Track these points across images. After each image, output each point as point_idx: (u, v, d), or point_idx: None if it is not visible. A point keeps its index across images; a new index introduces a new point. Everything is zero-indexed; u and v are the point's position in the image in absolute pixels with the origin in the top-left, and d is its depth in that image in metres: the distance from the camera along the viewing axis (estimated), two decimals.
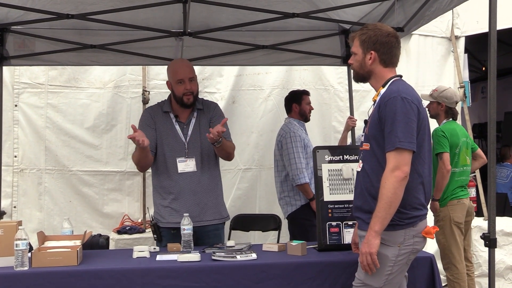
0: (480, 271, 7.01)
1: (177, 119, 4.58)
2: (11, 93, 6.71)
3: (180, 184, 4.50)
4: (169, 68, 4.71)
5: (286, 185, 5.73)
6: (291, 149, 5.59)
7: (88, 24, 5.32)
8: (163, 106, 4.63)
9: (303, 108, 5.89)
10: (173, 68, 4.65)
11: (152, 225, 4.52)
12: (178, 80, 4.51)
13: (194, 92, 4.55)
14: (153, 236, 4.58)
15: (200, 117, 4.62)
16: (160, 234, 4.52)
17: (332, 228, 4.08)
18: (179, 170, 4.49)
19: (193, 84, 4.55)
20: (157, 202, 4.62)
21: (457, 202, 5.50)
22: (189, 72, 4.58)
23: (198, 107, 4.63)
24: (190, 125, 4.58)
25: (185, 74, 4.53)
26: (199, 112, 4.64)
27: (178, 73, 4.54)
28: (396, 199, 3.17)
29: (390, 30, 3.45)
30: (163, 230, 4.54)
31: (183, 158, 4.50)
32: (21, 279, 3.49)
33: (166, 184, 4.53)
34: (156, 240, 4.54)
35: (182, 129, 4.56)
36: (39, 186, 6.82)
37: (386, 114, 3.24)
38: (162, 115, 4.59)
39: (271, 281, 3.67)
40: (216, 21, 5.45)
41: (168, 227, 4.51)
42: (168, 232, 4.51)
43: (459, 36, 7.74)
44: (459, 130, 5.62)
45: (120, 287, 3.57)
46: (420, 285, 3.78)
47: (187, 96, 4.50)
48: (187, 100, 4.52)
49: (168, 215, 4.51)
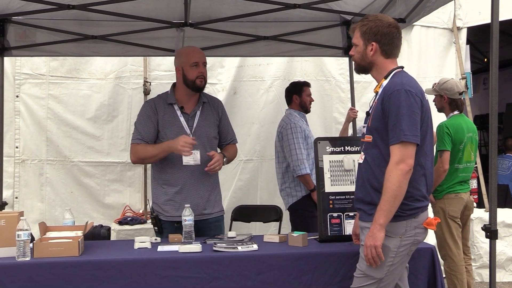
0: (481, 262, 7.04)
1: (182, 111, 4.51)
2: (13, 83, 6.71)
3: (184, 177, 4.45)
4: (181, 53, 4.67)
5: (287, 176, 5.74)
6: (292, 140, 5.60)
7: (89, 15, 5.31)
8: (167, 98, 4.56)
9: (304, 100, 5.89)
10: (186, 52, 4.61)
11: (153, 218, 4.49)
12: (193, 63, 4.45)
13: (205, 77, 4.52)
14: (153, 228, 4.55)
15: (204, 110, 4.58)
16: (161, 226, 4.49)
17: (333, 219, 4.08)
18: (183, 162, 4.43)
19: (205, 69, 4.53)
20: (158, 195, 4.55)
21: (455, 196, 5.46)
22: (203, 56, 4.56)
23: (203, 100, 4.61)
24: (196, 117, 4.53)
25: (200, 58, 4.51)
26: (204, 105, 4.61)
27: (193, 56, 4.49)
28: (401, 192, 3.18)
29: (391, 20, 3.44)
30: (164, 223, 4.49)
31: None
32: (23, 269, 3.50)
33: (170, 177, 4.47)
34: (157, 232, 4.50)
35: (187, 120, 4.49)
36: (41, 177, 6.83)
37: (390, 107, 3.23)
38: (166, 107, 4.52)
39: (272, 272, 3.68)
40: (217, 12, 5.44)
41: (171, 221, 4.47)
42: (171, 225, 4.46)
43: (461, 27, 7.73)
44: (465, 125, 5.53)
45: (121, 277, 3.57)
46: (421, 276, 3.78)
47: (199, 79, 4.46)
48: (200, 83, 4.47)
49: (171, 208, 4.46)
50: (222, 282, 3.64)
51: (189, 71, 4.47)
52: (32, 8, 5.09)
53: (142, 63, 6.96)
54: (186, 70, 4.48)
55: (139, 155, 4.48)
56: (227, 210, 6.10)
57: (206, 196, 4.53)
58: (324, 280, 3.71)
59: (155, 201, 4.58)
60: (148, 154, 4.44)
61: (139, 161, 4.62)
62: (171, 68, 6.80)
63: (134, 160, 4.55)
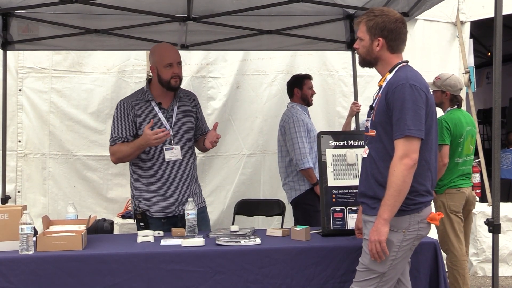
0: (483, 256, 7.03)
1: (160, 106, 4.50)
2: (15, 77, 6.71)
3: (168, 172, 4.46)
4: (154, 52, 4.61)
5: (290, 170, 5.74)
6: (294, 134, 5.59)
7: (92, 9, 5.30)
8: (143, 95, 4.54)
9: (305, 93, 5.88)
10: (160, 52, 4.57)
11: (139, 213, 4.45)
12: (167, 64, 4.44)
13: (180, 76, 4.52)
14: (139, 224, 4.47)
15: (182, 104, 4.59)
16: (148, 222, 4.45)
17: (336, 213, 4.08)
18: (166, 158, 4.44)
19: (180, 68, 4.52)
20: (141, 192, 4.51)
21: (456, 191, 5.45)
22: (177, 56, 4.53)
23: (179, 95, 4.61)
24: (174, 112, 4.53)
25: (174, 58, 4.49)
26: (181, 99, 4.61)
27: (166, 57, 4.47)
28: (405, 187, 3.18)
29: (397, 15, 3.43)
30: (150, 219, 4.46)
31: (169, 146, 4.44)
32: (26, 263, 3.51)
33: (152, 173, 4.46)
34: (143, 228, 4.41)
35: (165, 116, 4.49)
36: (43, 171, 6.84)
37: (394, 101, 3.22)
38: (143, 104, 4.50)
39: (275, 266, 3.69)
40: (220, 5, 5.42)
41: (157, 217, 4.47)
42: (157, 221, 4.45)
43: (464, 21, 7.71)
44: (464, 119, 5.52)
45: (124, 271, 3.58)
46: (423, 271, 3.78)
47: (174, 79, 4.46)
48: (175, 83, 4.47)
49: (156, 204, 4.46)
50: (225, 276, 3.65)
51: (163, 72, 4.45)
52: (35, 2, 5.07)
53: (145, 57, 6.94)
54: (160, 70, 4.46)
55: (117, 155, 4.47)
56: (230, 204, 6.13)
57: (188, 189, 4.54)
58: (326, 274, 3.72)
59: (138, 198, 4.53)
60: (125, 154, 4.43)
61: (119, 161, 4.56)
62: None
63: (114, 160, 4.54)
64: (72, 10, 5.37)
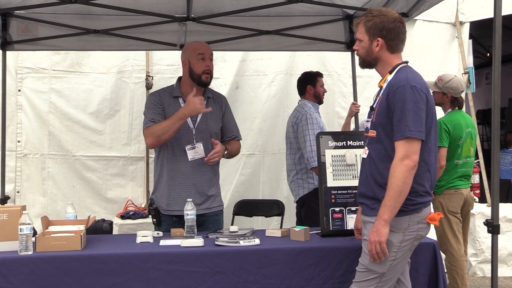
0: (483, 257, 7.03)
1: None
2: (15, 78, 6.71)
3: (187, 171, 4.46)
4: (187, 47, 4.63)
5: (299, 167, 5.63)
6: (307, 131, 5.50)
7: (91, 9, 5.31)
8: (172, 91, 4.55)
9: (318, 90, 5.80)
10: (193, 45, 4.60)
11: (152, 209, 4.49)
12: (199, 55, 4.44)
13: (211, 73, 4.52)
14: (152, 220, 4.56)
15: (208, 105, 4.54)
16: (160, 219, 4.50)
17: (335, 214, 4.08)
18: (189, 158, 4.43)
19: (212, 63, 4.52)
20: (158, 188, 4.56)
21: (454, 191, 5.45)
22: (210, 50, 4.55)
23: (207, 95, 4.60)
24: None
25: (206, 50, 4.50)
26: (209, 100, 4.60)
27: (199, 48, 4.49)
28: (406, 188, 3.18)
29: (396, 15, 3.43)
30: (163, 216, 4.51)
31: (191, 145, 4.43)
32: (25, 263, 3.51)
33: (173, 171, 4.48)
34: (155, 224, 4.52)
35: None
36: (43, 171, 6.83)
37: (395, 103, 3.23)
38: (171, 100, 4.50)
39: (274, 266, 3.69)
40: (219, 6, 5.43)
41: (170, 215, 4.49)
42: (170, 219, 4.48)
43: (463, 21, 7.71)
44: (464, 121, 5.51)
45: (123, 271, 3.58)
46: (423, 271, 3.79)
47: (205, 74, 4.45)
48: (206, 79, 4.47)
49: (169, 203, 4.48)
50: (224, 276, 3.65)
51: (196, 64, 4.46)
52: (34, 2, 5.08)
53: (144, 57, 6.95)
54: (193, 63, 4.47)
55: (155, 133, 4.35)
56: (229, 205, 6.12)
57: (211, 190, 4.54)
58: (325, 274, 3.72)
59: (155, 194, 4.60)
60: (164, 128, 4.31)
61: (156, 140, 4.39)
62: (173, 63, 6.83)
63: (151, 141, 4.41)
64: (72, 11, 5.37)
